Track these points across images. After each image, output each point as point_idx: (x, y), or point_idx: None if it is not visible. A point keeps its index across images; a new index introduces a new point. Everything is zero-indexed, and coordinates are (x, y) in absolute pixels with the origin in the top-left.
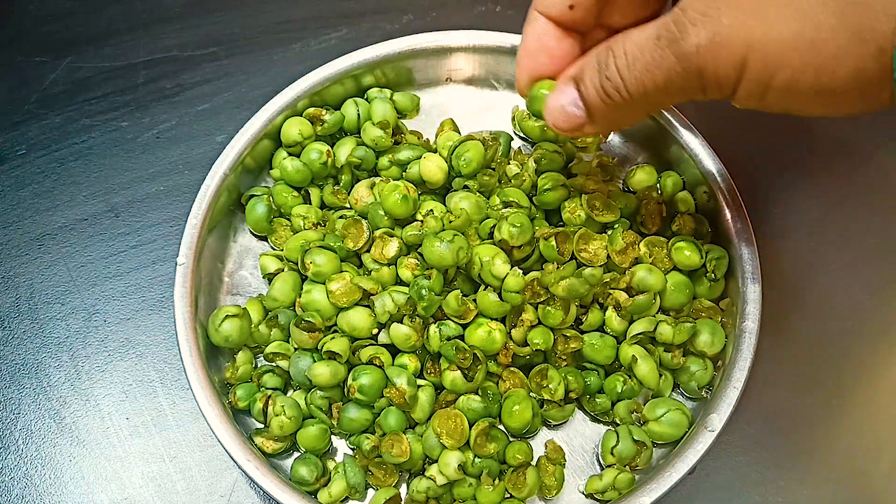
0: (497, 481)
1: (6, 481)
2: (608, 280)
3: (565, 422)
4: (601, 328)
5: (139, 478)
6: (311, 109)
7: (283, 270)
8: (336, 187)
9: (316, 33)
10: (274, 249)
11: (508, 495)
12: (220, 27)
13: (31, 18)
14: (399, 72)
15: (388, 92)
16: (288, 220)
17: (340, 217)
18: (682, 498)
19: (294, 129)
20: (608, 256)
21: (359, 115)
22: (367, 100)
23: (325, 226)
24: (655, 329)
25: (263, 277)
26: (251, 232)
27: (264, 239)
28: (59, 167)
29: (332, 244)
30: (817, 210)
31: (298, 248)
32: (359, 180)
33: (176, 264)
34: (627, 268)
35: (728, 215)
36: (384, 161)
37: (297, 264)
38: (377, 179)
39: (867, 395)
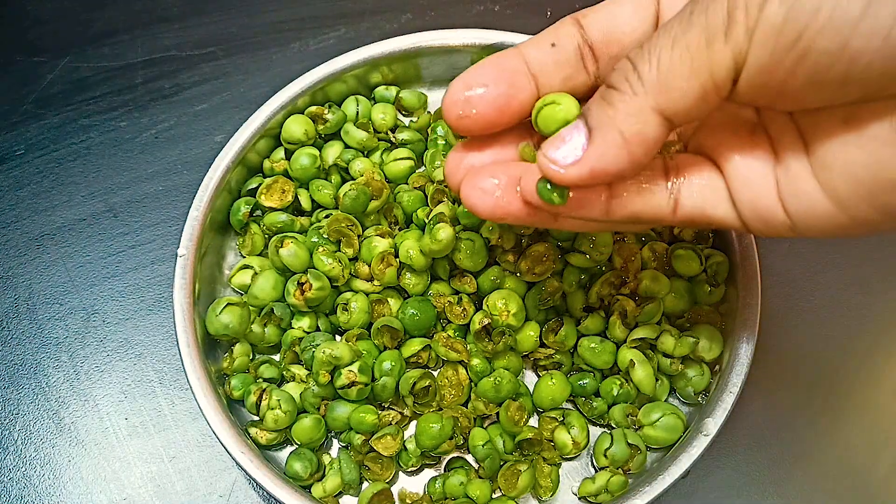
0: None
1: (5, 482)
2: (612, 278)
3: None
4: (602, 333)
5: (138, 478)
6: (314, 108)
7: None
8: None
9: (314, 33)
10: (243, 257)
11: (500, 493)
12: (219, 27)
13: (30, 18)
14: (407, 69)
15: (394, 89)
16: (261, 226)
17: (326, 216)
18: (682, 497)
19: (300, 129)
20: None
21: (358, 112)
22: (372, 98)
23: (311, 227)
24: (658, 338)
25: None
26: None
27: None
28: (57, 167)
29: (298, 236)
30: None
31: (272, 241)
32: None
33: (176, 255)
34: (633, 276)
35: None
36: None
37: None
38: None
39: (867, 395)
